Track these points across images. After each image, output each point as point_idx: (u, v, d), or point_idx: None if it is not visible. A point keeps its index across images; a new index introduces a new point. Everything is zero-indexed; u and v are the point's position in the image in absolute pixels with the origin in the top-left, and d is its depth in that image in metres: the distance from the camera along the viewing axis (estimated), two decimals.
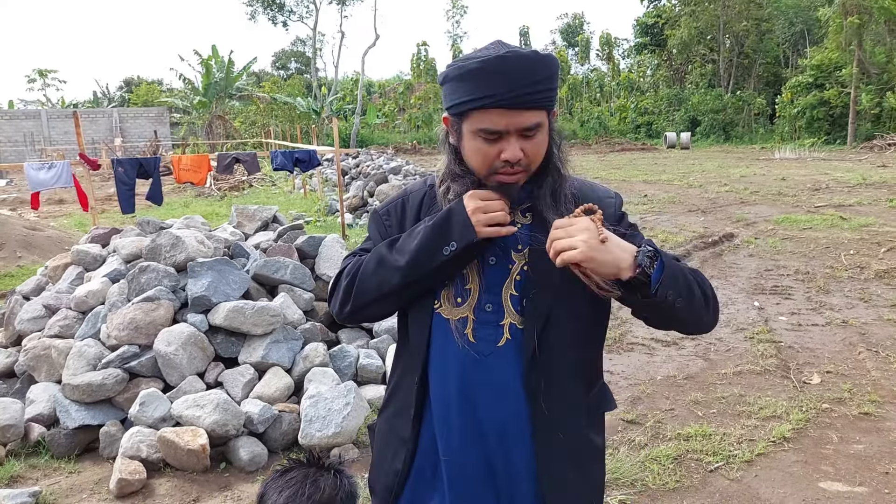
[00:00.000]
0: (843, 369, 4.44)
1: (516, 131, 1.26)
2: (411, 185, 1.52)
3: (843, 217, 10.21)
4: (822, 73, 30.46)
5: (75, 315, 4.15)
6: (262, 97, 36.34)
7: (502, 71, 1.23)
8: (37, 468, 3.44)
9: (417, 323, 1.41)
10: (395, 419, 1.47)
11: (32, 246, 9.03)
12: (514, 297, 1.34)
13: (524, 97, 1.24)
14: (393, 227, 1.45)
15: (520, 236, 1.34)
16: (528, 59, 1.25)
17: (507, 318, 1.34)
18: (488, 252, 1.34)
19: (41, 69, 52.16)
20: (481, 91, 1.25)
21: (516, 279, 1.34)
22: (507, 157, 1.26)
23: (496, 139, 1.27)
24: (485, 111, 1.25)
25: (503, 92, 1.23)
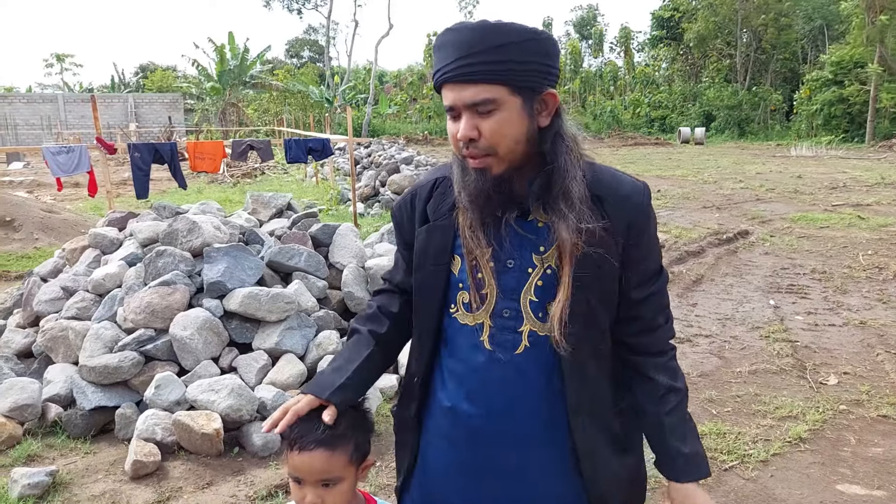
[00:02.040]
0: (861, 371, 4.39)
1: (464, 107, 1.18)
2: (422, 177, 1.45)
3: (861, 216, 10.10)
4: (841, 70, 30.06)
5: (92, 297, 4.17)
6: (275, 85, 36.38)
7: (448, 42, 1.18)
8: (53, 448, 3.47)
9: (425, 326, 1.37)
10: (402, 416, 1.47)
11: (49, 228, 9.10)
12: (535, 303, 1.27)
13: (463, 68, 1.16)
14: (404, 223, 1.41)
15: (540, 238, 1.26)
16: (471, 29, 1.16)
17: (527, 324, 1.27)
18: (505, 255, 1.26)
19: (59, 54, 52.44)
20: (436, 67, 1.22)
21: (538, 284, 1.26)
22: (458, 135, 1.19)
23: (456, 117, 1.20)
24: (443, 89, 1.21)
25: (446, 65, 1.18)
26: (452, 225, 1.31)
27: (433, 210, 1.34)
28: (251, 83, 35.68)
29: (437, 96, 40.68)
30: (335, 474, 1.29)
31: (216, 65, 33.68)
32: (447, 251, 1.32)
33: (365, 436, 1.36)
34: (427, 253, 1.35)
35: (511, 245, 1.26)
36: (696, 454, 1.32)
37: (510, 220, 1.25)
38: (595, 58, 50.36)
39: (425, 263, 1.35)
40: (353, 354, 1.41)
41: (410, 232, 1.39)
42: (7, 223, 9.01)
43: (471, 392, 1.31)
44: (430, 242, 1.34)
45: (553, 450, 1.31)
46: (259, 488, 3.08)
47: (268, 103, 36.83)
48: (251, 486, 3.12)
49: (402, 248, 1.46)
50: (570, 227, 1.20)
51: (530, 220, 1.27)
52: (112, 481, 3.17)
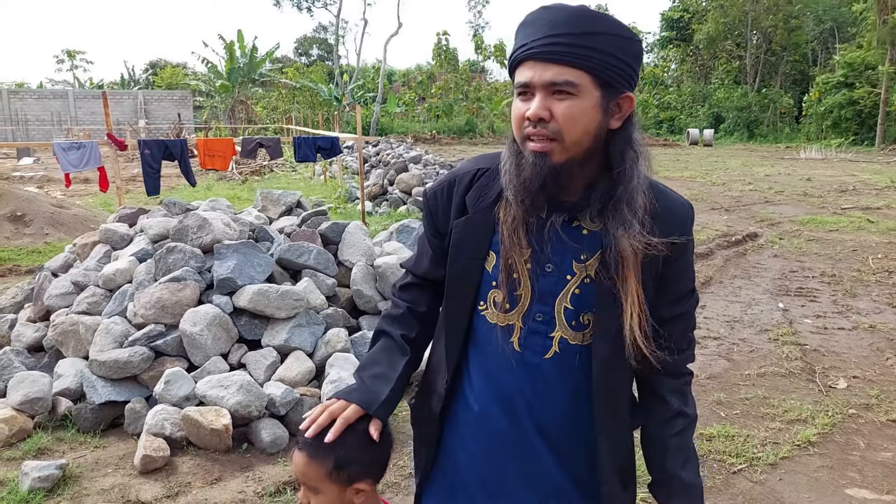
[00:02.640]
0: (871, 375, 4.37)
1: (542, 85, 1.13)
2: (461, 164, 1.39)
3: (870, 220, 10.04)
4: (852, 72, 29.88)
5: (103, 293, 4.20)
6: (284, 83, 36.47)
7: (539, 19, 1.15)
8: (63, 441, 3.50)
9: (455, 323, 1.33)
10: (422, 411, 1.44)
11: (59, 223, 9.15)
12: (569, 311, 1.24)
13: (551, 46, 1.12)
14: (439, 210, 1.35)
15: (584, 245, 1.22)
16: (568, 11, 1.13)
17: (559, 331, 1.25)
18: (545, 259, 1.23)
19: (70, 50, 52.72)
20: (520, 42, 1.17)
21: (574, 292, 1.23)
22: (527, 113, 1.14)
23: (527, 96, 1.16)
24: (522, 66, 1.17)
25: (532, 40, 1.14)
26: (493, 219, 1.27)
27: (473, 201, 1.29)
28: (260, 81, 35.78)
29: (445, 95, 40.69)
30: (312, 483, 1.27)
31: (226, 62, 33.79)
32: (484, 246, 1.28)
33: (358, 457, 1.28)
34: (463, 246, 1.30)
35: (553, 250, 1.22)
36: (692, 484, 1.30)
37: (556, 224, 1.21)
38: None
39: (460, 256, 1.31)
40: (393, 362, 1.35)
41: (445, 221, 1.34)
42: (18, 218, 9.07)
43: (498, 393, 1.29)
44: (466, 235, 1.29)
45: (564, 450, 1.30)
46: (267, 484, 3.09)
47: (276, 101, 36.92)
48: (259, 482, 3.13)
49: (432, 235, 1.39)
50: (634, 235, 1.17)
51: (575, 227, 1.23)
52: (121, 475, 3.19)
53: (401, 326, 1.41)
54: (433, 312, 1.43)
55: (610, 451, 1.28)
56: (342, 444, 1.25)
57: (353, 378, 1.35)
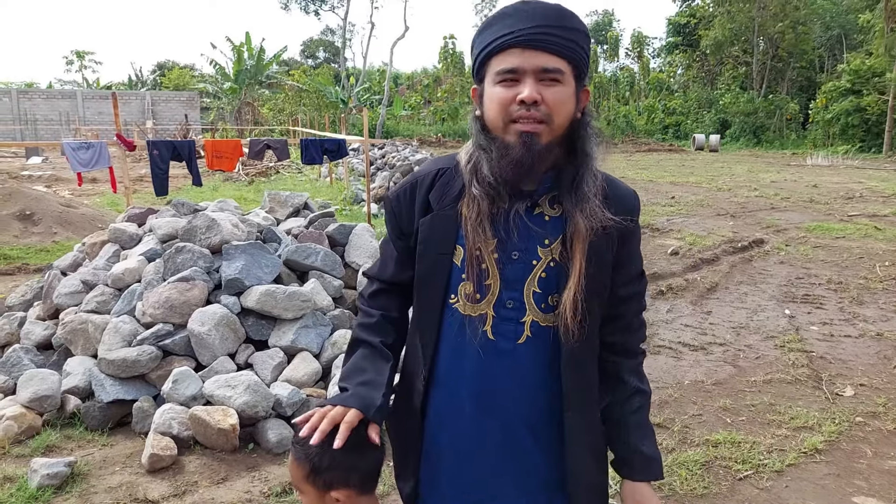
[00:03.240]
0: (878, 382, 4.36)
1: (533, 71, 1.20)
2: (422, 167, 1.44)
3: (877, 227, 10.01)
4: (860, 79, 29.79)
5: (112, 292, 4.22)
6: (292, 85, 36.58)
7: (521, 10, 1.23)
8: (71, 439, 3.52)
9: (428, 319, 1.37)
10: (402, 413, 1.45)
11: (67, 223, 9.20)
12: (538, 294, 1.30)
13: (541, 35, 1.20)
14: (402, 212, 1.39)
15: (546, 231, 1.29)
16: (550, 6, 1.23)
17: (529, 315, 1.30)
18: (511, 247, 1.28)
19: (79, 51, 52.96)
20: (500, 31, 1.23)
21: (541, 276, 1.29)
22: (522, 96, 1.20)
23: (514, 82, 1.22)
24: (503, 53, 1.22)
25: (520, 28, 1.21)
26: (457, 215, 1.31)
27: (436, 199, 1.34)
28: (267, 83, 35.89)
29: (450, 98, 40.73)
30: (295, 483, 1.28)
31: (233, 64, 33.92)
32: (451, 241, 1.32)
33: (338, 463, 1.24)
34: (430, 243, 1.34)
35: (518, 237, 1.28)
36: (652, 456, 1.39)
37: (520, 212, 1.28)
38: (610, 62, 50.23)
39: (428, 253, 1.35)
40: (379, 369, 1.36)
41: (409, 222, 1.38)
42: (26, 217, 9.12)
43: (474, 381, 1.33)
44: (433, 232, 1.34)
45: (546, 440, 1.35)
46: (273, 484, 3.11)
47: (283, 103, 37.03)
48: (265, 482, 3.15)
49: (397, 237, 1.43)
50: (592, 212, 1.26)
51: (537, 214, 1.30)
52: (129, 474, 3.21)
53: (378, 334, 1.42)
54: (405, 317, 1.46)
55: (582, 429, 1.34)
56: (321, 449, 1.23)
57: (339, 388, 1.35)
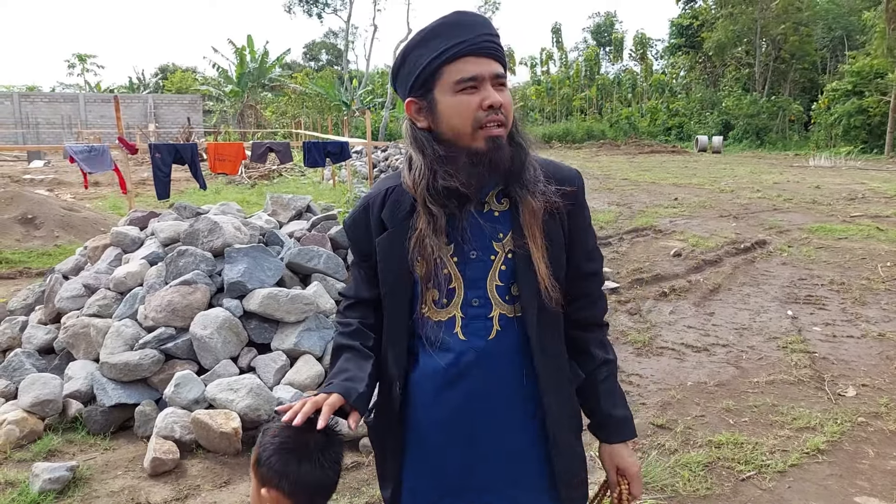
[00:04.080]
0: (880, 383, 4.35)
1: (490, 77, 1.28)
2: (371, 189, 1.50)
3: (879, 228, 9.98)
4: (862, 80, 29.74)
5: (114, 295, 4.23)
6: (295, 88, 36.64)
7: (464, 21, 1.29)
8: (73, 443, 3.52)
9: (399, 331, 1.40)
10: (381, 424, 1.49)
11: (69, 226, 9.22)
12: (500, 287, 1.34)
13: (488, 44, 1.29)
14: (361, 235, 1.45)
15: (498, 225, 1.34)
16: (480, 16, 1.32)
17: (496, 309, 1.35)
18: (468, 247, 1.33)
19: (81, 54, 53.13)
20: (451, 41, 1.27)
21: (501, 269, 1.34)
22: (490, 101, 1.26)
23: (475, 88, 1.27)
24: (458, 61, 1.27)
25: (472, 38, 1.27)
26: (409, 229, 1.35)
27: (389, 217, 1.38)
28: (270, 86, 35.96)
29: None
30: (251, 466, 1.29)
31: (236, 67, 33.99)
32: (407, 255, 1.35)
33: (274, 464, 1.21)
34: (390, 259, 1.38)
35: (472, 236, 1.33)
36: (625, 418, 1.47)
37: (473, 212, 1.33)
38: (614, 64, 50.21)
39: (390, 269, 1.39)
40: (360, 366, 1.39)
41: (368, 243, 1.42)
42: (28, 221, 9.15)
43: (451, 382, 1.36)
44: (391, 248, 1.38)
45: (529, 428, 1.40)
46: None
47: (286, 106, 37.09)
48: None
49: (361, 261, 1.48)
50: (537, 189, 1.33)
51: (487, 211, 1.35)
52: (131, 478, 3.21)
53: (357, 338, 1.45)
54: (381, 323, 1.48)
55: (560, 408, 1.39)
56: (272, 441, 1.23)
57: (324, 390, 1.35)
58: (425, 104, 1.32)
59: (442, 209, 1.30)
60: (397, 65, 1.35)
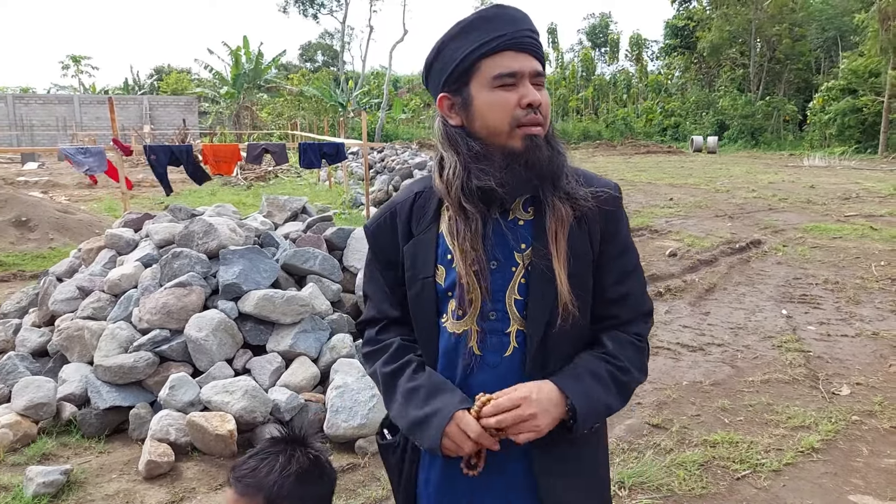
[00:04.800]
0: (874, 381, 4.36)
1: (531, 74, 1.21)
2: (397, 194, 1.42)
3: (873, 227, 10.02)
4: (856, 79, 29.87)
5: (108, 298, 4.22)
6: (291, 89, 36.60)
7: (504, 15, 1.22)
8: (68, 447, 3.51)
9: (425, 342, 1.34)
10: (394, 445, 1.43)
11: (64, 228, 9.19)
12: (519, 302, 1.25)
13: (529, 40, 1.22)
14: (386, 243, 1.37)
15: (521, 235, 1.25)
16: (521, 10, 1.25)
17: (514, 324, 1.25)
18: (489, 256, 1.24)
19: (75, 55, 52.99)
20: (490, 34, 1.20)
21: (520, 282, 1.25)
22: (530, 100, 1.19)
23: (513, 85, 1.20)
24: (497, 56, 1.20)
25: (512, 32, 1.21)
26: (435, 235, 1.30)
27: (416, 224, 1.33)
28: (265, 87, 35.92)
29: None
30: None
31: (231, 68, 33.95)
32: (431, 262, 1.30)
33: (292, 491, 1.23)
34: (416, 267, 1.32)
35: (494, 245, 1.24)
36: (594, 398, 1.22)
37: (496, 218, 1.24)
38: (609, 65, 50.30)
39: (416, 278, 1.32)
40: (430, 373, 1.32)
41: (395, 251, 1.36)
42: (22, 223, 9.11)
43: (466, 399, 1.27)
44: (416, 257, 1.32)
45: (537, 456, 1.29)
46: None
47: (282, 107, 37.05)
48: None
49: (384, 269, 1.40)
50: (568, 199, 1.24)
51: (511, 219, 1.26)
52: (126, 481, 3.20)
53: (407, 352, 1.36)
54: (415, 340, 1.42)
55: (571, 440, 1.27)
56: (275, 480, 1.21)
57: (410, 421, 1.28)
58: (459, 100, 1.25)
59: (477, 210, 1.22)
60: (431, 58, 1.27)
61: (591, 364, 1.26)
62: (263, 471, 1.23)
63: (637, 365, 1.29)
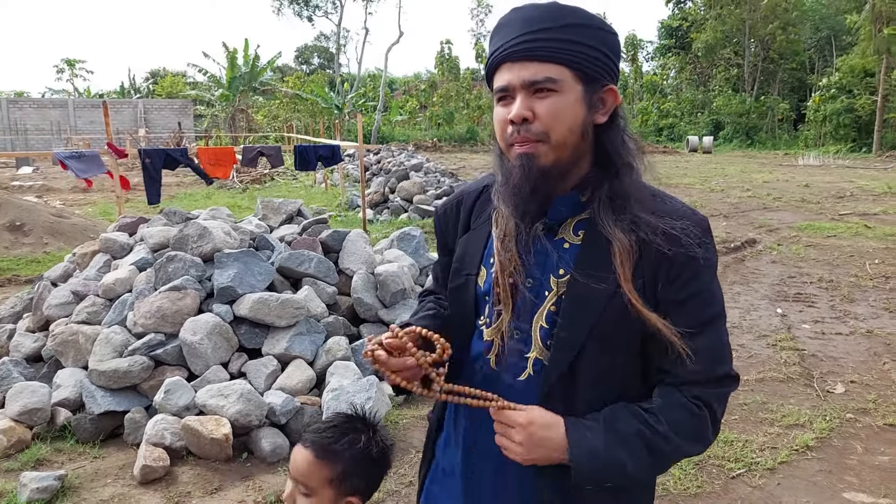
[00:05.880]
0: (868, 379, 4.38)
1: (522, 86, 1.08)
2: (470, 183, 1.38)
3: (867, 226, 10.07)
4: (852, 79, 30.02)
5: (102, 302, 4.21)
6: (286, 92, 36.60)
7: (511, 20, 1.11)
8: (62, 452, 3.50)
9: (458, 336, 1.27)
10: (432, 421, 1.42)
11: (58, 233, 9.17)
12: (545, 330, 1.15)
13: (525, 44, 1.07)
14: (448, 227, 1.35)
15: (563, 259, 1.14)
16: (539, 7, 1.10)
17: (534, 351, 1.16)
18: (526, 273, 1.16)
19: (69, 59, 52.86)
20: (494, 47, 1.13)
21: (550, 309, 1.14)
22: (511, 116, 1.08)
23: (507, 100, 1.11)
24: (499, 70, 1.12)
25: (507, 41, 1.09)
26: (487, 235, 1.25)
27: (475, 218, 1.29)
28: (261, 89, 35.91)
29: (446, 103, 40.76)
30: (310, 484, 1.24)
31: (227, 71, 33.93)
32: (476, 261, 1.25)
33: (363, 470, 1.27)
34: (462, 262, 1.28)
35: (534, 263, 1.15)
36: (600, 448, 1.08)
37: (539, 234, 1.15)
38: None
39: (458, 273, 1.28)
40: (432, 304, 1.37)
41: (454, 238, 1.33)
42: (17, 227, 9.09)
43: (473, 413, 1.23)
44: (465, 251, 1.28)
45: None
46: (267, 493, 3.10)
47: (277, 109, 37.03)
48: (259, 491, 3.14)
49: (442, 253, 1.39)
50: (630, 230, 1.09)
51: (557, 239, 1.16)
52: (121, 486, 3.19)
53: (438, 302, 1.41)
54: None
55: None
56: (354, 455, 1.26)
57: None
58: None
59: (515, 216, 1.14)
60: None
61: (621, 419, 1.10)
62: (346, 444, 1.27)
63: (686, 433, 1.10)
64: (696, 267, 1.10)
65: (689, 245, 1.09)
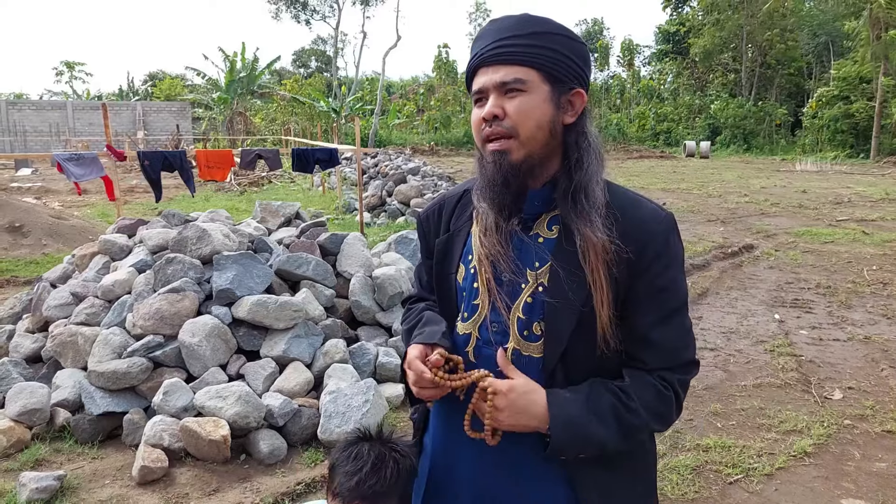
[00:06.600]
0: (866, 385, 4.39)
1: (494, 87, 1.18)
2: (452, 188, 1.44)
3: (865, 232, 10.10)
4: (847, 86, 30.12)
5: (102, 303, 4.21)
6: (283, 95, 36.61)
7: (488, 30, 1.23)
8: (61, 452, 3.50)
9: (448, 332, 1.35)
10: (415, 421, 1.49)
11: (57, 234, 9.16)
12: (521, 321, 1.21)
13: (497, 49, 1.18)
14: (430, 233, 1.42)
15: (537, 253, 1.21)
16: (512, 18, 1.21)
17: (512, 342, 1.22)
18: (502, 266, 1.22)
19: (68, 61, 52.83)
20: (471, 55, 1.24)
21: (527, 301, 1.21)
22: (483, 114, 1.18)
23: (483, 102, 1.21)
24: (475, 76, 1.23)
25: (483, 48, 1.21)
26: (466, 234, 1.32)
27: (455, 220, 1.36)
28: (259, 93, 35.92)
29: (443, 107, 40.82)
30: None
31: (225, 74, 33.94)
32: (455, 259, 1.33)
33: (407, 485, 1.32)
34: (442, 262, 1.36)
35: (512, 256, 1.22)
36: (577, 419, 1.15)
37: (515, 229, 1.22)
38: (601, 71, 50.49)
39: (441, 273, 1.37)
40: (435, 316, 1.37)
41: (435, 239, 1.40)
42: (16, 229, 9.08)
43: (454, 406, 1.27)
44: (445, 251, 1.35)
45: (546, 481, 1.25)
46: (265, 495, 3.10)
47: (275, 112, 37.04)
48: (257, 493, 3.14)
49: (425, 257, 1.45)
50: (596, 226, 1.16)
51: (532, 234, 1.23)
52: (119, 486, 3.20)
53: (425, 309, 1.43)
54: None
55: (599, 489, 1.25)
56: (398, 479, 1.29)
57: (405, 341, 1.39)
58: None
59: (489, 199, 1.22)
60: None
61: (595, 394, 1.18)
62: (388, 476, 1.28)
63: (653, 410, 1.18)
64: (664, 262, 1.19)
65: (655, 241, 1.18)
